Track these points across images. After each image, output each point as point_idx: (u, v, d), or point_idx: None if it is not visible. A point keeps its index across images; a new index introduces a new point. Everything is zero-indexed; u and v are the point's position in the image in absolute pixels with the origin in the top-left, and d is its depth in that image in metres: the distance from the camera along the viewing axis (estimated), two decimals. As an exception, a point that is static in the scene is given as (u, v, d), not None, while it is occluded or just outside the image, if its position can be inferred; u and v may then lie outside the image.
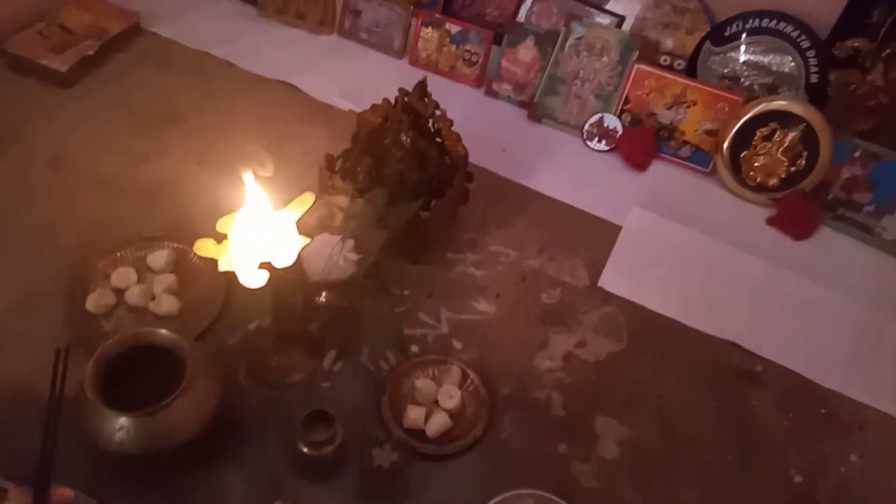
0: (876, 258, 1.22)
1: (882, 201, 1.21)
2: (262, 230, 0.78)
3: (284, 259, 0.78)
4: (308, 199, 0.86)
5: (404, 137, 1.07)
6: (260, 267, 0.77)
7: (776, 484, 0.90)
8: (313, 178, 1.11)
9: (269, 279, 0.81)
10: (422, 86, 1.07)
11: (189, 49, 1.48)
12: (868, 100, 1.28)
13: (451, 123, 1.09)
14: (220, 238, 0.78)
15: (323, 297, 1.01)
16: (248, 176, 0.77)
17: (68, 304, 1.00)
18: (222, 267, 0.75)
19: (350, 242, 0.98)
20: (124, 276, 1.03)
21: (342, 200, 1.04)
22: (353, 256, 0.98)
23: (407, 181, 1.06)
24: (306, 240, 0.81)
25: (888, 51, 1.24)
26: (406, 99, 1.08)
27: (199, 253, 0.76)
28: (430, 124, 1.10)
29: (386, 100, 1.10)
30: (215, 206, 1.11)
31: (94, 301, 0.99)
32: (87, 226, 1.12)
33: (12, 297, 1.00)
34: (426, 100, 1.07)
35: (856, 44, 1.26)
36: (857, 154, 1.22)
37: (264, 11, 1.60)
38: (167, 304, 1.00)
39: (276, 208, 0.82)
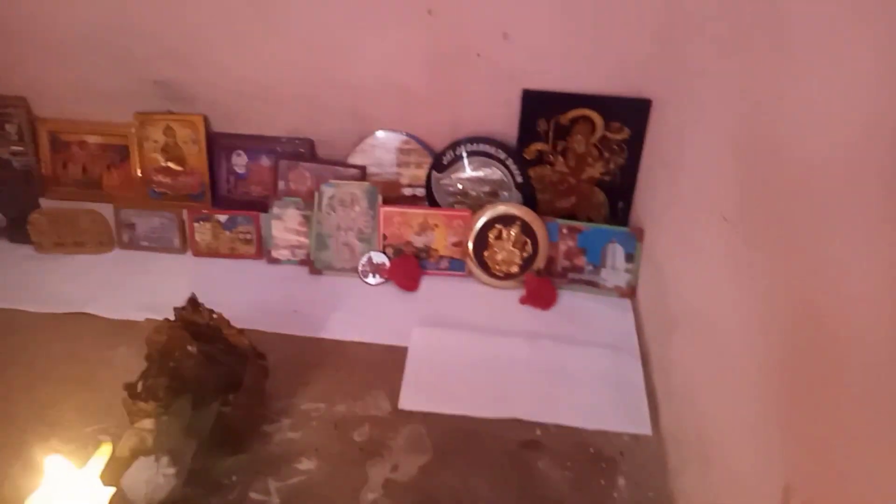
0: (606, 303, 1.53)
1: (595, 260, 1.53)
2: (67, 495, 0.88)
3: (94, 516, 0.88)
4: (106, 449, 0.97)
5: (191, 348, 1.21)
6: (73, 532, 0.87)
7: (569, 529, 1.11)
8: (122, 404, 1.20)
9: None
10: (192, 300, 1.22)
11: (-26, 308, 1.53)
12: (562, 184, 1.61)
13: (229, 322, 1.25)
14: (28, 521, 0.87)
15: (155, 516, 1.10)
16: (49, 460, 0.87)
17: None
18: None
19: (164, 459, 1.10)
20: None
21: (148, 423, 1.15)
22: (171, 471, 1.09)
23: (205, 384, 1.19)
24: (112, 489, 0.92)
25: (560, 147, 1.58)
26: (183, 313, 1.23)
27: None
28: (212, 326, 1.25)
29: (166, 318, 1.24)
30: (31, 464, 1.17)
31: None
32: None
33: None
34: (200, 310, 1.23)
35: (537, 147, 1.59)
36: (564, 231, 1.53)
37: (42, 249, 1.68)
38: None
39: (81, 452, 0.92)
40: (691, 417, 1.12)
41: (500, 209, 1.54)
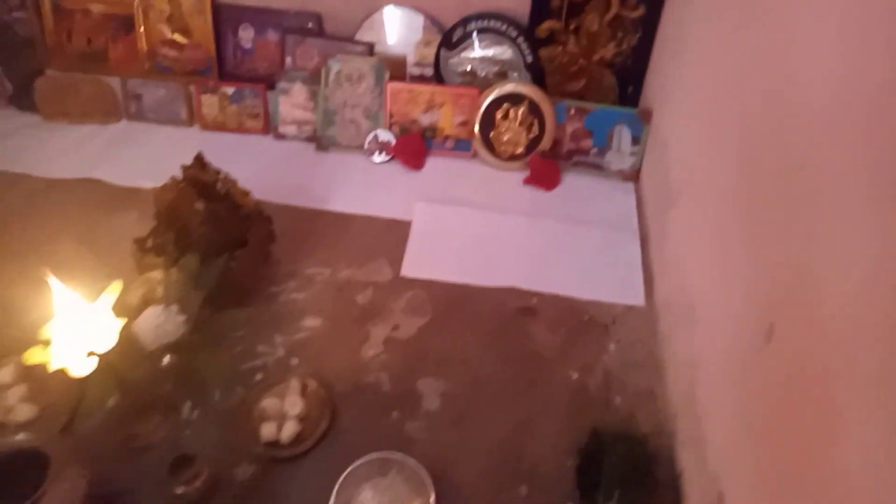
0: (609, 186, 1.54)
1: (601, 143, 1.53)
2: (80, 324, 0.92)
3: (107, 343, 0.93)
4: (117, 286, 1.01)
5: (198, 205, 1.23)
6: (88, 356, 0.91)
7: (559, 387, 1.16)
8: (131, 261, 1.24)
9: (109, 360, 0.95)
10: (199, 159, 1.24)
11: (-17, 172, 1.55)
12: (572, 66, 1.58)
13: (236, 182, 1.26)
14: (45, 343, 0.92)
15: (167, 361, 1.16)
16: (53, 280, 0.91)
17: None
18: (53, 367, 0.89)
19: (174, 307, 1.14)
20: (-24, 399, 1.12)
21: (158, 275, 1.19)
22: (180, 318, 1.13)
23: (211, 241, 1.22)
24: (123, 320, 0.96)
25: (573, 25, 1.54)
26: (190, 172, 1.24)
27: (27, 362, 0.89)
28: (219, 186, 1.27)
29: (174, 177, 1.26)
30: (45, 315, 1.21)
31: (-47, 430, 1.07)
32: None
33: None
34: (207, 168, 1.24)
35: (550, 25, 1.55)
36: (572, 111, 1.52)
37: (48, 117, 1.68)
38: (23, 411, 1.10)
39: (91, 300, 0.96)
40: (681, 284, 1.15)
41: (509, 87, 1.52)
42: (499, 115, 1.54)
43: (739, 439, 0.83)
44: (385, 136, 1.59)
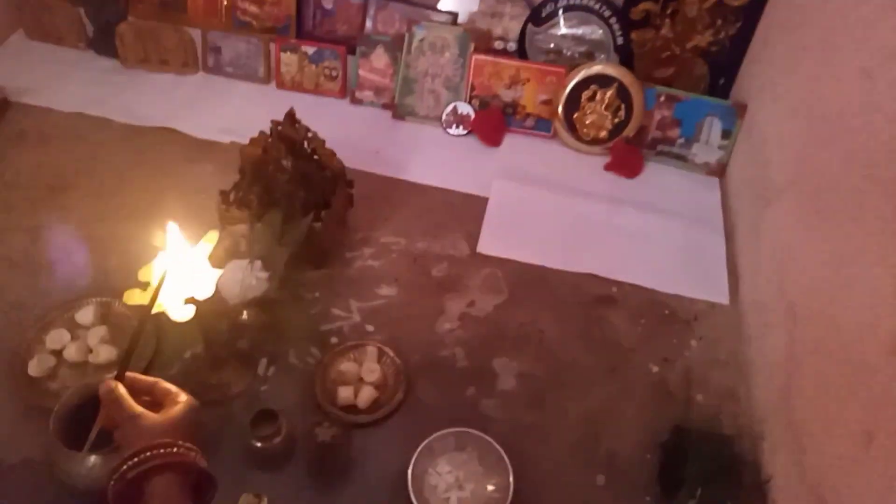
0: (692, 179, 1.50)
1: (688, 133, 1.48)
2: (181, 270, 0.91)
3: (205, 291, 0.92)
4: (213, 236, 1.00)
5: (285, 162, 1.22)
6: (186, 302, 0.91)
7: (638, 378, 1.14)
8: (209, 212, 1.23)
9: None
10: (290, 115, 1.22)
11: (63, 113, 1.54)
12: (664, 51, 1.53)
13: (324, 142, 1.25)
14: (144, 286, 0.91)
15: (245, 316, 1.16)
16: (170, 225, 0.90)
17: (10, 375, 1.08)
18: (154, 309, 0.89)
19: (258, 263, 1.14)
20: (58, 337, 1.12)
21: (242, 228, 1.18)
22: (263, 275, 1.13)
23: (296, 200, 1.21)
24: (219, 271, 0.95)
25: (670, 9, 1.49)
26: (280, 128, 1.23)
27: (127, 303, 0.89)
28: (306, 146, 1.26)
29: (262, 132, 1.24)
30: (126, 257, 1.21)
31: (36, 366, 1.08)
32: (8, 305, 1.18)
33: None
34: (297, 126, 1.23)
35: (646, 7, 1.50)
36: (662, 98, 1.47)
37: (127, 63, 1.67)
38: (105, 353, 1.11)
39: (189, 247, 0.96)
40: (778, 285, 1.11)
41: (597, 68, 1.48)
42: (585, 96, 1.50)
43: (853, 451, 0.80)
44: (464, 108, 1.56)
